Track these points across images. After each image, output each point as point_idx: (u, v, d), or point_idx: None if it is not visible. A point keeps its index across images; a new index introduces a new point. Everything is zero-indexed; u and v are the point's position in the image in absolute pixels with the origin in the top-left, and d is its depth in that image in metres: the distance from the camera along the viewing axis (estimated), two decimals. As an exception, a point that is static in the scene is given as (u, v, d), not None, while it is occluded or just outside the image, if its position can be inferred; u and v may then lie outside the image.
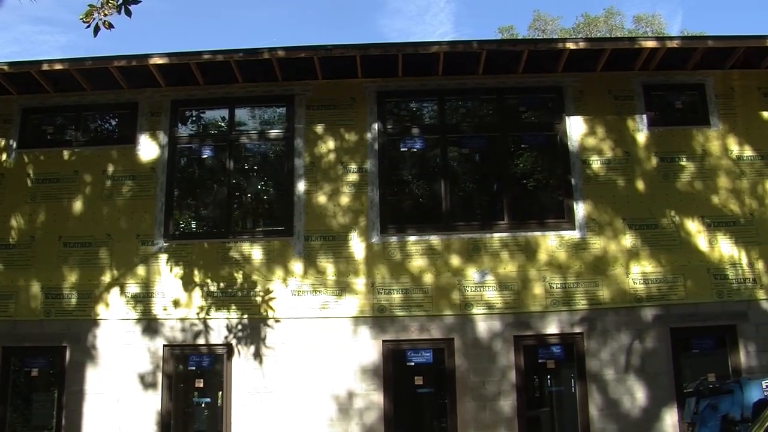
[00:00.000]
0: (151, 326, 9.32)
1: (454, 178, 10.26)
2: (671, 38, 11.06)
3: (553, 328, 9.21)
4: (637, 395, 8.94)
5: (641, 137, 9.79)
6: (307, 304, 9.32)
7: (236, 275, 9.46)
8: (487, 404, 8.95)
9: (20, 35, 42.54)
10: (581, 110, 9.88)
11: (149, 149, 9.95)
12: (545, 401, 9.86)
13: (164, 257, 9.54)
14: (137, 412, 9.04)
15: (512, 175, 10.19)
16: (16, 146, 10.06)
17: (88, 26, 6.31)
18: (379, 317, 9.26)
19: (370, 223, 9.58)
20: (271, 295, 9.35)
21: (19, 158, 10.03)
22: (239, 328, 9.28)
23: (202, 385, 9.43)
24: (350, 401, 9.01)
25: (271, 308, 9.31)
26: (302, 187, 9.73)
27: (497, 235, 9.52)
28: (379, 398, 9.02)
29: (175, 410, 9.25)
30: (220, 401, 9.26)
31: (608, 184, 9.65)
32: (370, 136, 9.88)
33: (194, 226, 10.75)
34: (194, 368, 9.43)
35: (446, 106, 10.38)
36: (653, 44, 9.55)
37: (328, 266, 9.44)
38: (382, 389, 9.03)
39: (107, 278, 9.49)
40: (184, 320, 9.35)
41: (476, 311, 9.25)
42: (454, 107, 10.75)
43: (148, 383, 9.14)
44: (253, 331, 9.26)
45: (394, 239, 9.53)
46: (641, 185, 9.62)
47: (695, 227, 9.45)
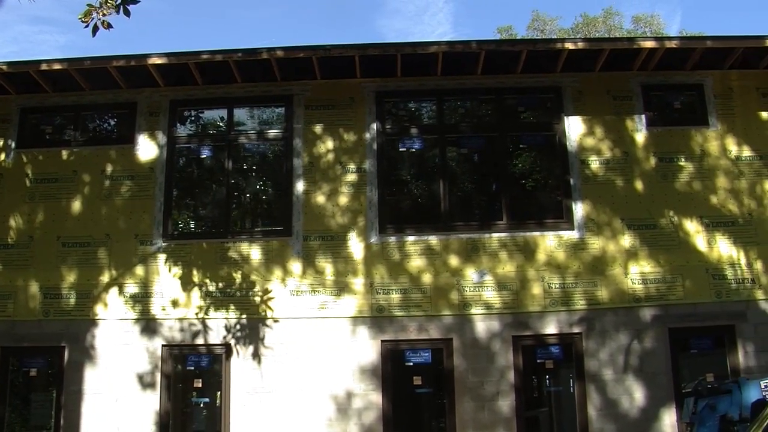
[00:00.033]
0: (149, 326, 9.31)
1: (452, 178, 10.25)
2: (670, 38, 11.07)
3: (551, 328, 9.21)
4: (635, 395, 8.94)
5: (640, 137, 9.79)
6: (305, 304, 9.32)
7: (235, 275, 9.45)
8: (485, 404, 8.95)
9: (19, 35, 42.57)
10: (580, 110, 9.89)
11: (148, 149, 9.95)
12: (544, 401, 9.85)
13: (163, 257, 9.54)
14: (136, 412, 9.03)
15: (511, 175, 10.19)
16: (14, 146, 10.05)
17: (86, 26, 6.31)
18: (377, 317, 9.26)
19: (368, 223, 9.58)
20: (269, 295, 9.35)
21: (17, 158, 10.02)
22: (238, 328, 9.27)
23: (200, 385, 9.41)
24: (349, 401, 9.01)
25: (269, 308, 9.31)
26: (301, 187, 9.73)
27: (496, 235, 9.52)
28: (377, 398, 9.02)
29: (173, 410, 9.24)
30: (218, 401, 9.26)
31: (607, 184, 9.65)
32: (368, 136, 9.88)
33: (193, 226, 10.74)
34: (193, 368, 9.41)
35: (445, 106, 10.39)
36: (652, 44, 9.56)
37: (326, 266, 9.43)
38: (380, 389, 9.03)
39: (106, 278, 9.49)
40: (182, 320, 9.34)
41: (475, 311, 9.25)
42: (452, 107, 10.75)
43: (146, 383, 9.13)
44: (251, 331, 9.26)
45: (392, 239, 9.53)
46: (640, 185, 9.62)
47: (694, 227, 9.46)
